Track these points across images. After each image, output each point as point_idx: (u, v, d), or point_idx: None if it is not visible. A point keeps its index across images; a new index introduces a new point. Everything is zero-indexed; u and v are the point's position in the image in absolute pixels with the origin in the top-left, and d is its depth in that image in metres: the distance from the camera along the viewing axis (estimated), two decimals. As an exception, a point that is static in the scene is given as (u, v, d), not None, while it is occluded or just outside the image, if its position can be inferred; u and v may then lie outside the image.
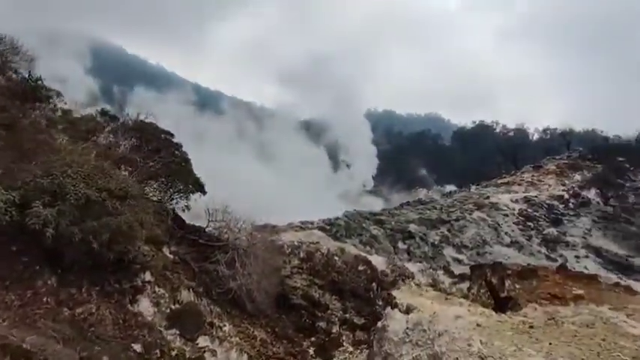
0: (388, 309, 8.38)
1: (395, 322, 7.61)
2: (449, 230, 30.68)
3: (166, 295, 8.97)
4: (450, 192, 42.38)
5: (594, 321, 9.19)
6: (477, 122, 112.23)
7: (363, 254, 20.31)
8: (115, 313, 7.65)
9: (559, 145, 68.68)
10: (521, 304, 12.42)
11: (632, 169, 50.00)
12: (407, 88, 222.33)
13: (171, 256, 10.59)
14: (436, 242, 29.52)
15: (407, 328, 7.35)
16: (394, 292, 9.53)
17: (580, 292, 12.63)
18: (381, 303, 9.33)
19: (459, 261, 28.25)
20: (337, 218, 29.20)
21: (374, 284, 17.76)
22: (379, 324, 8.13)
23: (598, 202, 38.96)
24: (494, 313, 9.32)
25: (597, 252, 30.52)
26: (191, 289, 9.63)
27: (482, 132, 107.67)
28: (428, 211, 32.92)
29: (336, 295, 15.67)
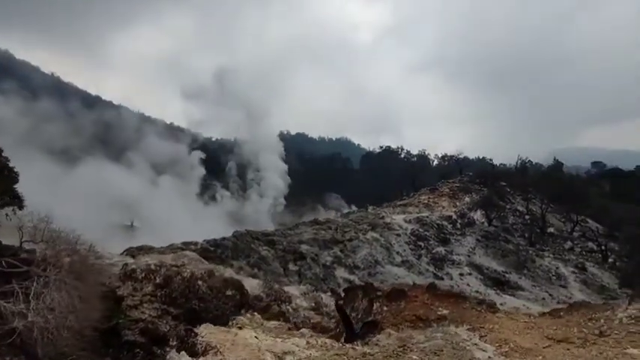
0: (172, 353, 6.74)
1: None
2: (342, 250, 30.08)
3: None
4: (348, 212, 42.35)
5: (444, 346, 8.41)
6: (384, 147, 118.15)
7: (236, 277, 18.54)
8: None
9: (454, 170, 73.54)
10: (384, 328, 11.58)
11: (512, 192, 54.71)
12: (319, 112, 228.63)
13: None
14: (328, 263, 28.64)
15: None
16: (203, 327, 7.84)
17: (445, 312, 12.14)
18: (174, 342, 7.62)
19: (350, 282, 27.56)
20: (224, 238, 27.05)
21: (242, 311, 16.04)
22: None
23: (482, 222, 41.43)
24: (336, 344, 8.11)
25: (479, 269, 31.89)
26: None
27: (388, 156, 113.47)
28: (323, 231, 32.12)
29: (194, 325, 13.65)
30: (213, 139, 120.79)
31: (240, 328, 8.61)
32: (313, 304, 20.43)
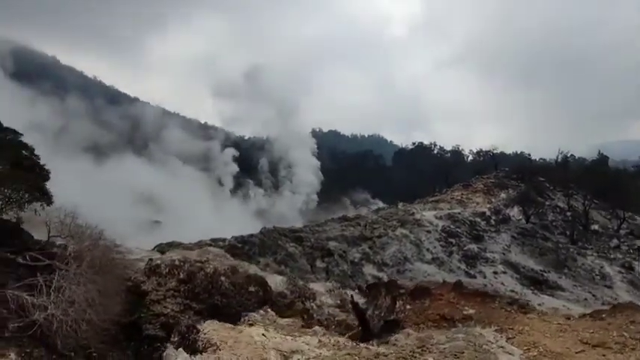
0: (169, 349, 6.62)
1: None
2: (370, 247, 29.61)
3: None
4: (378, 209, 41.75)
5: (465, 348, 7.93)
6: (416, 144, 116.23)
7: (261, 274, 18.50)
8: None
9: (489, 166, 71.24)
10: (406, 327, 11.15)
11: (551, 188, 52.33)
12: (352, 109, 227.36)
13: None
14: (356, 260, 28.27)
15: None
16: (207, 324, 7.65)
17: (471, 312, 11.58)
18: (175, 338, 7.46)
19: (379, 279, 27.05)
20: (251, 235, 27.18)
21: (266, 307, 15.97)
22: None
23: (519, 219, 39.80)
24: (349, 344, 7.80)
25: (514, 268, 30.61)
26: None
27: (420, 153, 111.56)
28: (351, 228, 31.74)
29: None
30: (246, 138, 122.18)
31: (251, 324, 8.47)
32: (339, 302, 20.11)
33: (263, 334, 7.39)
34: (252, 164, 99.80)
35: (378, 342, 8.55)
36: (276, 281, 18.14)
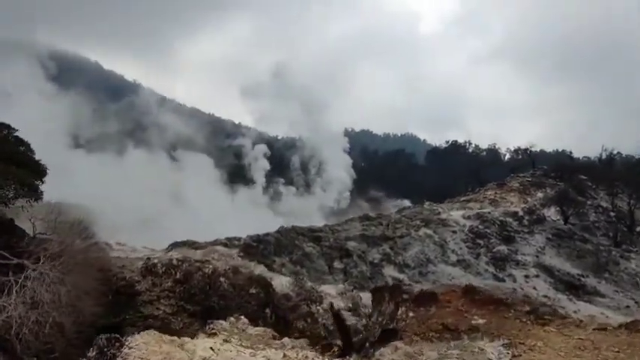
0: None
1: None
2: (391, 248, 28.37)
3: None
4: (402, 208, 40.27)
5: (456, 366, 6.85)
6: (450, 142, 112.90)
7: (268, 275, 17.81)
8: None
9: (527, 164, 67.94)
10: (404, 337, 10.08)
11: (594, 187, 48.93)
12: (384, 107, 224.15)
13: None
14: (376, 261, 27.13)
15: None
16: (139, 335, 6.83)
17: (480, 321, 10.38)
18: (93, 353, 6.66)
19: (400, 281, 25.83)
20: (267, 234, 26.56)
21: (267, 310, 15.29)
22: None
23: (556, 220, 37.28)
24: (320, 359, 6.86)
25: (549, 271, 28.52)
26: None
27: (454, 151, 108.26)
28: (373, 227, 30.58)
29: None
30: (279, 137, 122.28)
31: (212, 334, 7.72)
32: (350, 305, 19.14)
33: (211, 348, 6.59)
34: (284, 163, 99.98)
35: (358, 358, 7.58)
36: (282, 283, 17.42)
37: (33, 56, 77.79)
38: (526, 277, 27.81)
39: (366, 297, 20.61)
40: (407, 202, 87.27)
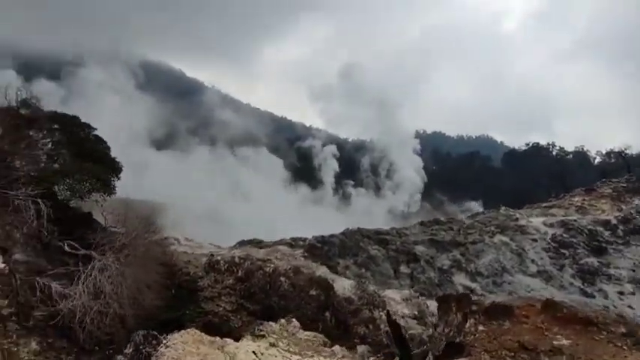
0: None
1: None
2: (462, 254, 26.66)
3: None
4: (476, 213, 37.84)
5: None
6: (531, 144, 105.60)
7: (330, 276, 17.38)
8: None
9: (621, 168, 61.35)
10: (473, 354, 9.09)
11: None
12: (458, 108, 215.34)
13: (2, 265, 8.49)
14: (445, 267, 25.67)
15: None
16: (179, 334, 6.51)
17: (563, 342, 9.06)
18: (130, 350, 6.34)
19: (471, 290, 24.22)
20: (332, 235, 26.21)
21: (327, 313, 14.85)
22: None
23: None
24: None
25: (648, 288, 25.10)
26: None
27: (535, 154, 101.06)
28: (442, 232, 28.99)
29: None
30: (349, 140, 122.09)
31: (259, 336, 7.36)
32: (416, 312, 18.19)
33: (254, 352, 6.23)
34: (354, 165, 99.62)
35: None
36: (343, 285, 16.90)
37: (125, 65, 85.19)
38: (620, 293, 24.72)
39: (433, 305, 19.50)
40: (475, 206, 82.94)
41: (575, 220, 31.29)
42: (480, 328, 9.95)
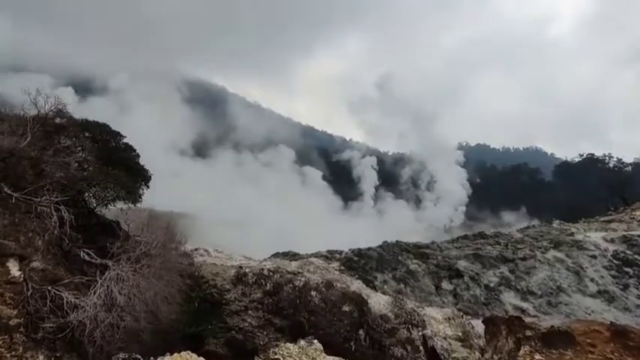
0: None
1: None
2: (511, 271, 24.69)
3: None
4: (526, 227, 35.39)
5: None
6: (585, 155, 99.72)
7: (365, 292, 16.25)
8: None
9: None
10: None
11: None
12: (504, 120, 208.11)
13: (18, 274, 8.13)
14: (492, 284, 23.81)
15: None
16: (173, 357, 5.63)
17: (641, 378, 7.57)
18: None
19: (523, 310, 22.30)
20: (369, 249, 25.08)
21: (361, 332, 13.75)
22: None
23: None
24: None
25: None
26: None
27: (590, 165, 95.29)
28: (488, 247, 27.11)
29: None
30: (389, 153, 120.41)
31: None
32: (460, 334, 16.66)
33: None
34: (394, 178, 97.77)
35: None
36: (379, 301, 15.74)
37: (172, 83, 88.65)
38: (696, 318, 21.89)
39: (479, 325, 17.85)
40: (521, 218, 78.68)
41: (639, 236, 28.44)
42: (537, 357, 8.55)
